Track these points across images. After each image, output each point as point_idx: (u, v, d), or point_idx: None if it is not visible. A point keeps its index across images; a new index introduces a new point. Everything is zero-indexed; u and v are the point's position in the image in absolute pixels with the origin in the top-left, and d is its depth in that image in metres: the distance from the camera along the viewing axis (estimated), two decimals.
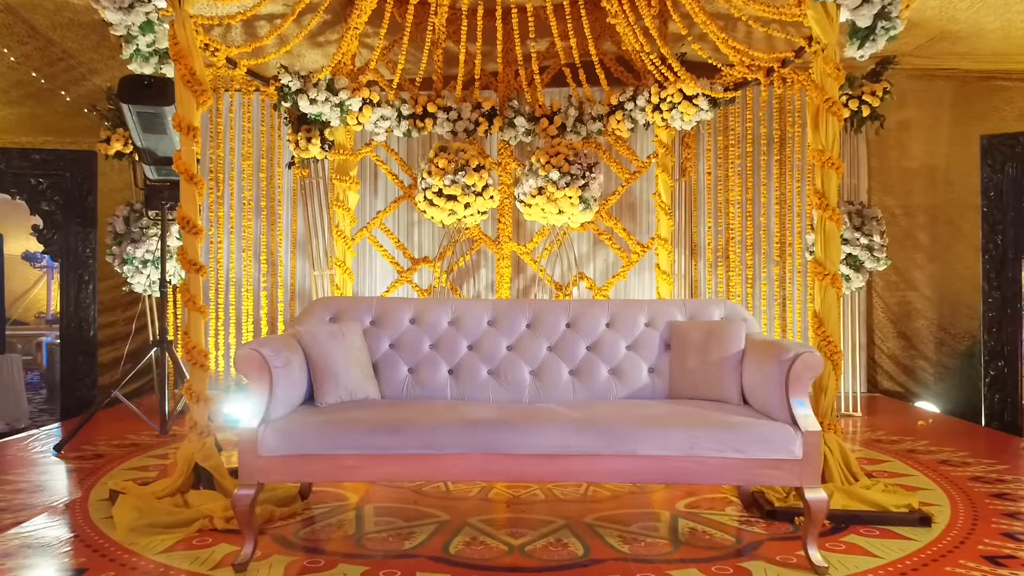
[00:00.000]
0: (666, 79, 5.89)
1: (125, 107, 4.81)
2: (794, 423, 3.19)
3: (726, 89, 5.81)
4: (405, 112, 6.26)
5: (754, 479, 3.23)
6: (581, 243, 7.14)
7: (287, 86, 5.74)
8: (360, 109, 6.02)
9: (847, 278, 6.01)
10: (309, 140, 6.26)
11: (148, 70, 4.63)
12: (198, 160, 4.09)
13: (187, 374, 4.15)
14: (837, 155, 4.06)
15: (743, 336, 3.64)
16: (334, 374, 3.50)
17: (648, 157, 6.38)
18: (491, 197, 6.15)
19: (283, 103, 5.83)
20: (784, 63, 5.06)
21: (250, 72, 5.49)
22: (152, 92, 4.71)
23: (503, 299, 4.62)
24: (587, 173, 6.00)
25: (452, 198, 6.02)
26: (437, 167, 6.05)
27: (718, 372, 3.61)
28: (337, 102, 5.91)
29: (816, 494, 3.16)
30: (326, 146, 6.35)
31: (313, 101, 5.82)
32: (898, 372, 7.27)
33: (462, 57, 6.24)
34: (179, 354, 5.14)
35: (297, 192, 6.55)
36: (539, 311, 3.91)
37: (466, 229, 6.49)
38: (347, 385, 3.54)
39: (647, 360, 3.81)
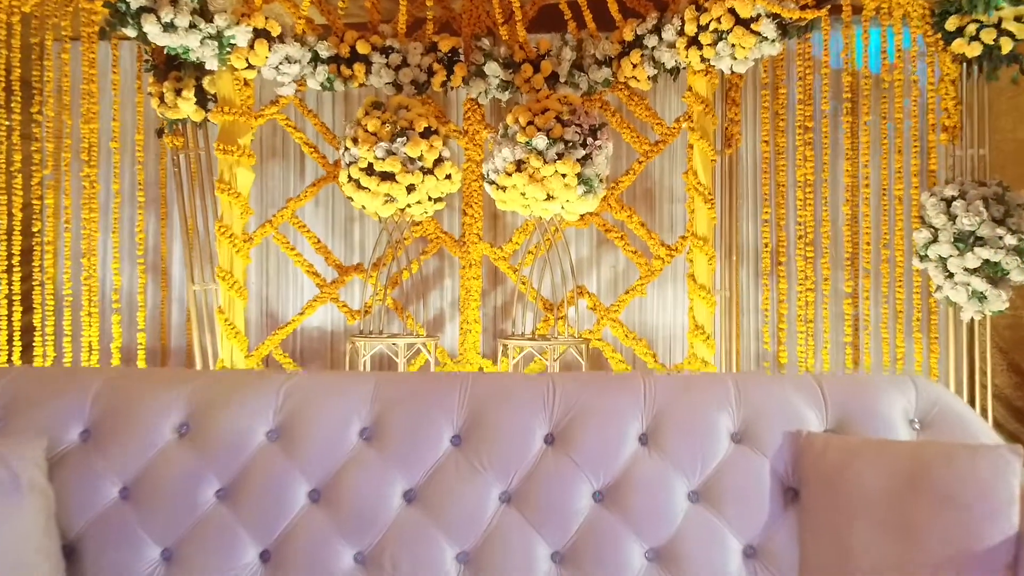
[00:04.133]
0: None
1: None
2: None
3: (803, 7, 3.45)
4: (324, 53, 3.91)
5: None
6: (580, 243, 4.77)
7: (124, 1, 3.38)
8: (251, 45, 3.67)
9: (980, 297, 3.63)
10: (179, 93, 3.90)
11: None
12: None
13: None
14: None
15: (1015, 494, 1.29)
16: None
17: (677, 120, 4.01)
18: (448, 177, 3.80)
19: (118, 28, 3.46)
20: None
21: None
22: None
23: (399, 373, 2.02)
24: (590, 139, 3.64)
25: (388, 177, 3.66)
26: (366, 131, 3.69)
27: None
28: (212, 32, 3.55)
29: None
30: (210, 103, 4.00)
31: (170, 27, 3.45)
32: (1009, 417, 4.88)
33: None
34: None
35: (184, 171, 4.21)
36: (481, 401, 1.50)
37: (414, 224, 4.14)
38: None
39: (741, 528, 1.41)
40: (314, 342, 4.82)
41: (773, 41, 3.45)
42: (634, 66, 3.85)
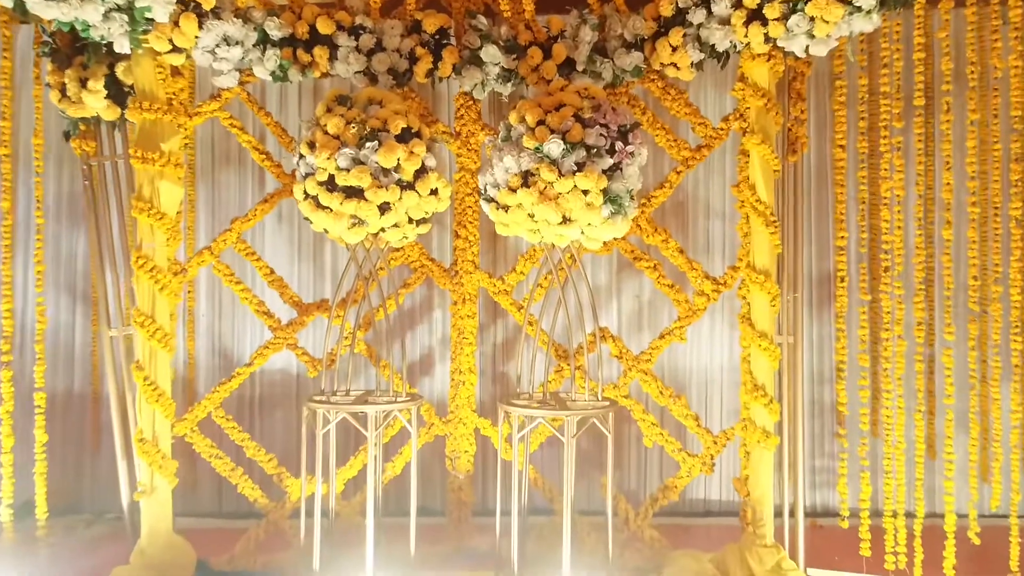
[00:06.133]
0: None
1: None
2: None
3: None
4: (276, 33, 2.93)
5: None
6: (597, 267, 3.82)
7: None
8: (175, 21, 2.69)
9: None
10: (85, 83, 2.93)
11: None
12: None
13: None
14: None
15: None
16: None
17: (725, 119, 3.04)
18: (433, 192, 2.82)
19: None
20: None
21: None
22: None
23: None
24: (619, 144, 2.67)
25: (355, 193, 2.69)
26: (326, 133, 2.72)
27: None
28: (120, 2, 2.57)
29: None
30: (128, 97, 3.02)
31: None
32: None
33: None
34: None
35: (96, 185, 3.22)
36: None
37: (392, 251, 3.17)
38: None
39: None
40: (276, 387, 3.85)
41: (869, 12, 2.48)
42: (674, 49, 2.87)
